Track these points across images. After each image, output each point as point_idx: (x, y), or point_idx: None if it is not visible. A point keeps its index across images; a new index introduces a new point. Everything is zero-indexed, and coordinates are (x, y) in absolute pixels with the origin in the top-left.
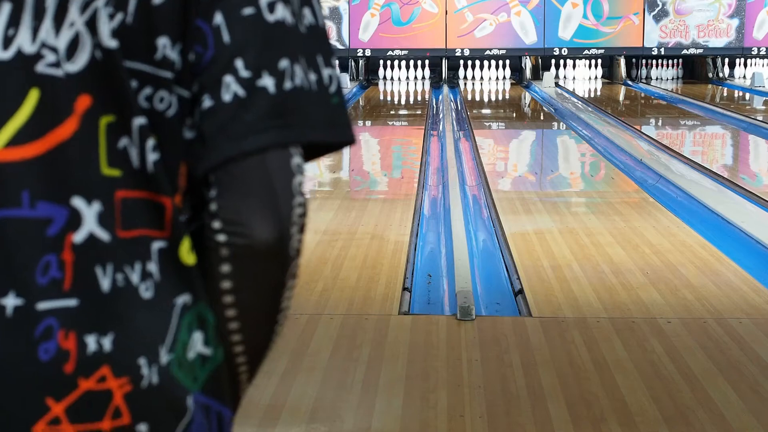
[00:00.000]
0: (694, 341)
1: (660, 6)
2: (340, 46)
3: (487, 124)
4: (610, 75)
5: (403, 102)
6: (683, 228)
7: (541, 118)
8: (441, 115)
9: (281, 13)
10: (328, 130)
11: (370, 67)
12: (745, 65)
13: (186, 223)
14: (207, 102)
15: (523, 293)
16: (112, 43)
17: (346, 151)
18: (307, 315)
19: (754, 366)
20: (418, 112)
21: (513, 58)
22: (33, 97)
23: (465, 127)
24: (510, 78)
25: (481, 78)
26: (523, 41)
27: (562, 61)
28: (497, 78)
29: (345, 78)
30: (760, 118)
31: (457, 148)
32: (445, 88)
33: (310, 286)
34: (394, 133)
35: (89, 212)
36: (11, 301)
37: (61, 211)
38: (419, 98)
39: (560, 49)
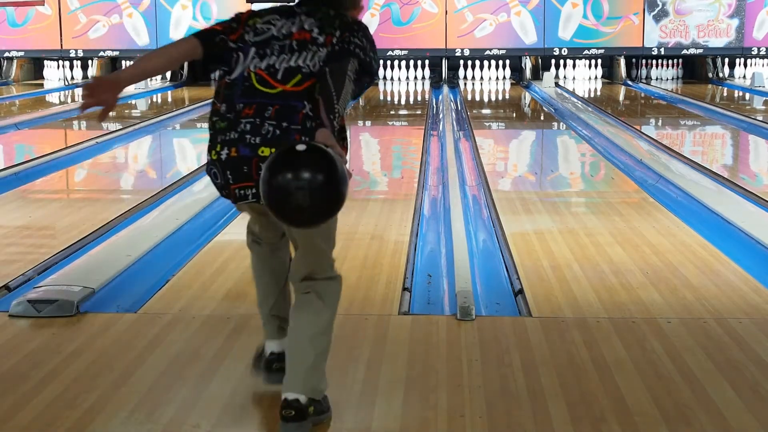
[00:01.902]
0: (694, 341)
1: (660, 6)
2: None
3: (487, 124)
4: (610, 75)
5: (403, 102)
6: (683, 228)
7: (541, 118)
8: (441, 115)
9: (353, 73)
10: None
11: None
12: (745, 65)
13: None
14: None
15: (523, 293)
16: (316, 64)
17: None
18: None
19: (754, 366)
20: (418, 112)
21: (513, 58)
22: (298, 76)
23: (465, 127)
24: (510, 78)
25: (481, 78)
26: (523, 41)
27: (562, 61)
28: (497, 78)
29: None
30: (760, 118)
31: (457, 148)
32: (445, 88)
33: None
34: (394, 133)
35: (308, 106)
36: (285, 124)
37: (301, 104)
38: (419, 98)
39: (560, 49)
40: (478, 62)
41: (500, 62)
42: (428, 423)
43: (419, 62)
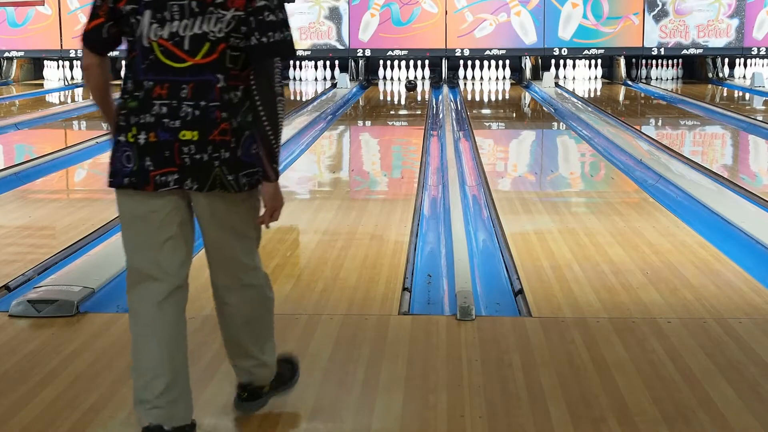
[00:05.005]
0: (694, 341)
1: (660, 6)
2: (340, 47)
3: (487, 124)
4: (610, 75)
5: (403, 102)
6: (683, 228)
7: (541, 118)
8: (441, 115)
9: (270, 16)
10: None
11: (370, 68)
12: (745, 65)
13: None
14: (248, 42)
15: (523, 293)
16: (222, 29)
17: (346, 152)
18: (307, 315)
19: (754, 366)
20: (418, 112)
21: (513, 58)
22: (207, 45)
23: (465, 127)
24: (510, 78)
25: (481, 78)
26: (523, 41)
27: (562, 61)
28: (497, 78)
29: (345, 78)
30: (760, 118)
31: (457, 148)
32: (445, 88)
33: (310, 286)
34: (394, 133)
35: (221, 77)
36: (203, 103)
37: (214, 77)
38: (419, 98)
39: (560, 49)
40: (478, 62)
41: (500, 62)
42: (428, 423)
43: (419, 62)
